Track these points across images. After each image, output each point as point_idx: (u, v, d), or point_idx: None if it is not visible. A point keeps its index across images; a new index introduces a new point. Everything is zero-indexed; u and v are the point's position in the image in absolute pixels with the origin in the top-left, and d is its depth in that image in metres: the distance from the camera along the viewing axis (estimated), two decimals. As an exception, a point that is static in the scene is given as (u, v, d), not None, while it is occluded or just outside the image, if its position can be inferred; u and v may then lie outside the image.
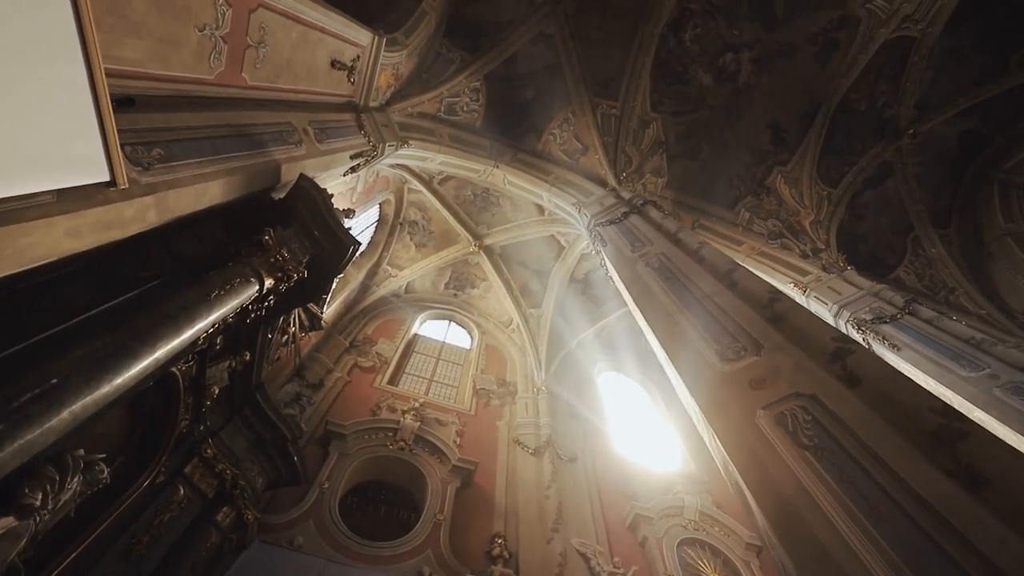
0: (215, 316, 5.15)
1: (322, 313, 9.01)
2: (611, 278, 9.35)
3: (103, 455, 4.60)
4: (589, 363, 14.62)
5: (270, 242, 5.93)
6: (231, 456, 7.24)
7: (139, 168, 4.50)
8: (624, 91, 11.17)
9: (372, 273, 13.66)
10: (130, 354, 4.11)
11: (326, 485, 8.86)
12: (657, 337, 6.07)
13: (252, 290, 5.70)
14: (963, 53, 10.54)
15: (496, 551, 8.59)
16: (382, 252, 13.72)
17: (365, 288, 13.56)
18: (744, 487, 4.11)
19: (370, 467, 9.65)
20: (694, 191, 12.00)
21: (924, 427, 3.63)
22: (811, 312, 5.09)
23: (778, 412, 4.24)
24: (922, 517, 3.13)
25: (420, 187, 12.69)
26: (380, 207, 13.34)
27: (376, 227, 13.45)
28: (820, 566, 3.25)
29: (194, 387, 6.26)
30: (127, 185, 4.23)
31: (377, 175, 11.74)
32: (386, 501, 9.59)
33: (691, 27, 10.79)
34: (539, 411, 11.96)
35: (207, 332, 5.15)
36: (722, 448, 4.45)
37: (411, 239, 13.90)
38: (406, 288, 14.40)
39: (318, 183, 6.70)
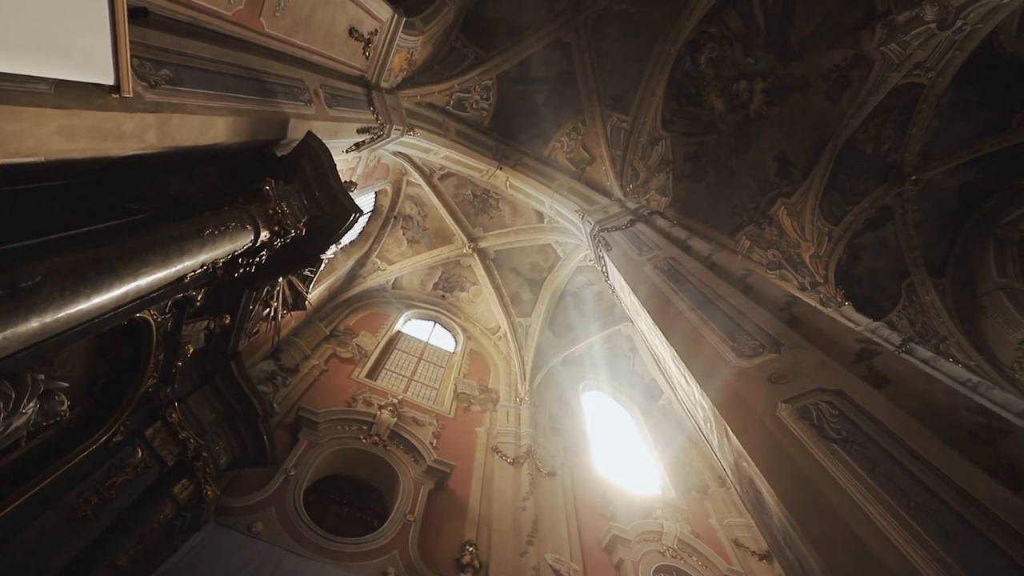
0: (206, 256, 4.81)
1: (307, 292, 8.66)
2: (611, 286, 9.15)
3: (65, 384, 4.18)
4: (573, 380, 14.30)
5: (270, 192, 5.62)
6: (197, 425, 6.74)
7: (145, 84, 4.20)
8: (636, 106, 11.15)
9: (360, 264, 13.25)
10: (112, 273, 3.75)
11: (292, 472, 8.36)
12: (665, 335, 5.83)
13: (247, 239, 5.37)
14: (968, 107, 10.77)
15: (466, 559, 8.13)
16: (372, 244, 13.34)
17: (351, 278, 13.14)
18: (762, 481, 3.84)
19: (340, 459, 9.16)
20: (696, 214, 11.95)
21: (961, 426, 3.43)
22: (831, 316, 4.89)
23: (801, 406, 4.01)
24: (966, 510, 2.94)
25: (420, 180, 12.42)
26: (376, 196, 13.03)
27: (370, 217, 13.11)
28: (854, 558, 2.99)
29: (167, 343, 5.81)
30: (131, 95, 3.91)
31: (378, 161, 11.48)
32: (349, 504, 9.10)
33: (708, 50, 10.88)
34: (521, 421, 11.57)
35: (194, 272, 4.80)
36: (737, 443, 4.19)
37: (404, 234, 13.57)
38: (393, 283, 14.01)
39: (324, 147, 6.44)
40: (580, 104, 11.30)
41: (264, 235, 5.55)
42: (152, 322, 5.29)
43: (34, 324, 3.14)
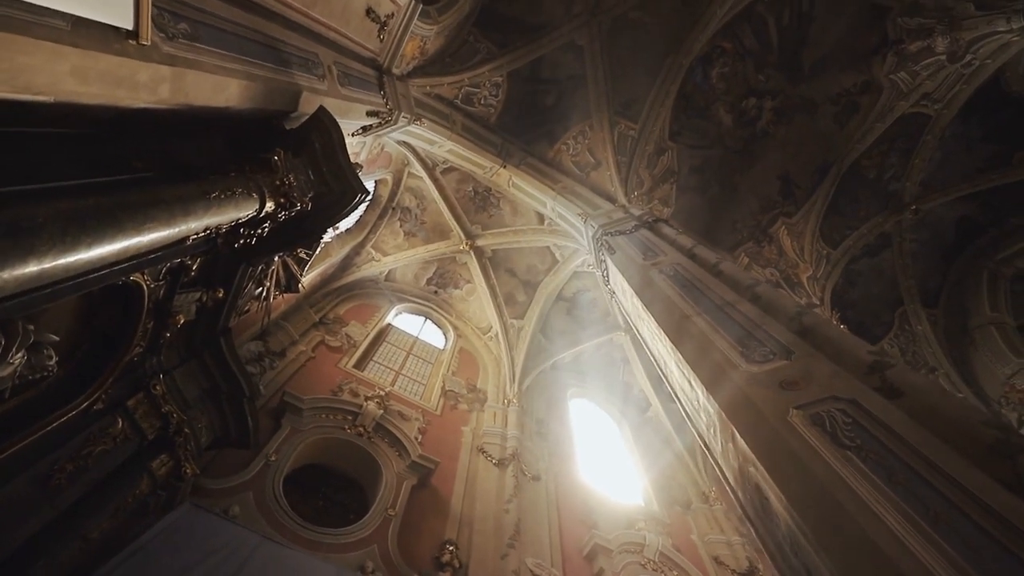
0: (210, 220, 4.67)
1: (302, 275, 8.49)
2: (611, 290, 9.07)
3: (56, 338, 3.99)
4: (562, 386, 14.18)
5: (278, 163, 5.48)
6: (181, 400, 6.52)
7: (163, 35, 4.05)
8: (645, 115, 11.15)
9: (355, 252, 13.04)
10: (115, 224, 3.60)
11: (273, 458, 8.14)
12: (670, 339, 5.75)
13: (252, 207, 5.23)
14: (971, 141, 10.91)
15: (446, 558, 7.95)
16: (368, 234, 13.14)
17: (345, 266, 12.92)
18: (771, 486, 3.76)
19: (322, 448, 8.95)
20: (697, 228, 11.94)
21: (979, 440, 3.37)
22: (842, 328, 4.83)
23: (814, 412, 3.94)
24: (987, 522, 2.88)
25: (422, 172, 12.27)
26: (376, 185, 12.86)
27: (368, 206, 12.92)
28: (872, 563, 2.90)
29: (158, 311, 5.60)
30: (148, 44, 3.78)
31: (382, 149, 11.35)
32: (326, 496, 8.89)
33: (720, 65, 10.93)
34: (508, 423, 11.42)
35: (196, 236, 4.65)
36: (745, 447, 4.11)
37: (401, 226, 13.39)
38: (387, 275, 13.80)
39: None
40: (589, 108, 11.27)
41: (269, 206, 5.40)
42: (145, 287, 5.08)
43: (32, 268, 2.98)
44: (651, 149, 11.32)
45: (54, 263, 3.12)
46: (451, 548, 8.13)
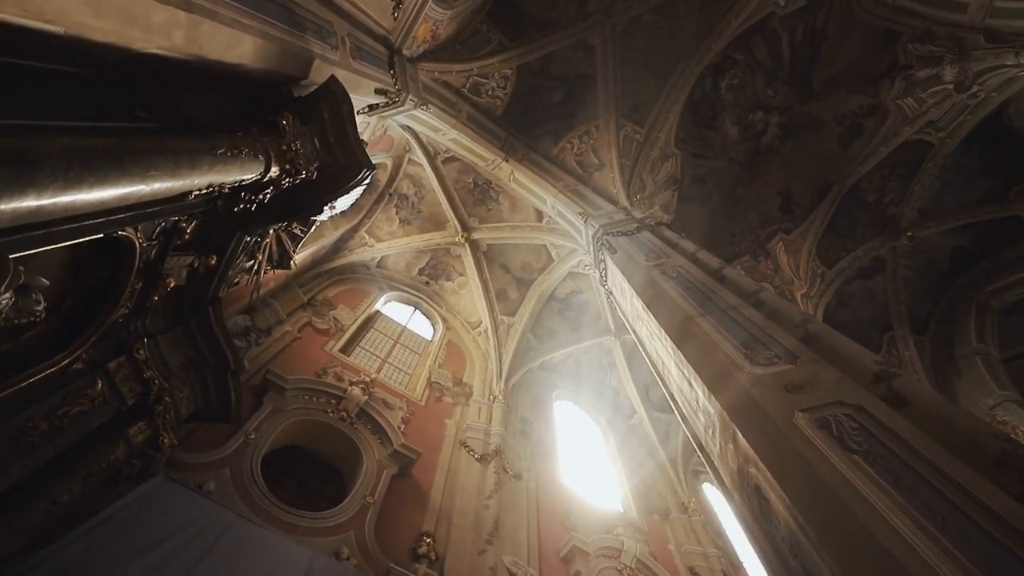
0: (214, 178, 4.52)
1: (294, 252, 8.33)
2: (608, 290, 9.01)
3: (46, 282, 3.82)
4: (548, 386, 14.08)
5: (286, 127, 5.35)
6: (163, 367, 6.32)
7: (179, -21, 3.90)
8: (652, 119, 11.13)
9: (348, 236, 12.80)
10: (119, 168, 3.46)
11: (252, 436, 7.94)
12: (672, 338, 5.68)
13: (256, 170, 5.09)
14: (971, 172, 11.04)
15: (423, 550, 7.79)
16: (363, 218, 12.91)
17: (337, 249, 12.69)
18: (773, 486, 3.70)
19: (303, 430, 8.76)
20: (696, 238, 11.73)
21: (986, 451, 3.33)
22: (847, 338, 4.78)
23: (820, 416, 3.88)
24: (997, 530, 2.84)
25: (422, 159, 12.09)
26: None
27: (365, 190, 12.72)
28: (878, 564, 2.84)
29: (148, 272, 5.43)
30: (166, -17, 3.64)
31: (385, 131, 11.18)
32: (301, 480, 8.71)
33: (730, 76, 10.95)
34: (492, 419, 11.28)
35: (199, 192, 4.50)
36: (748, 447, 4.04)
37: (397, 213, 13.18)
38: (379, 262, 13.57)
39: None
40: (597, 108, 11.22)
41: (274, 171, 5.26)
42: (137, 244, 4.90)
43: (30, 202, 2.82)
44: (656, 154, 11.29)
45: (53, 200, 2.96)
46: (428, 540, 7.97)
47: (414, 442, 9.37)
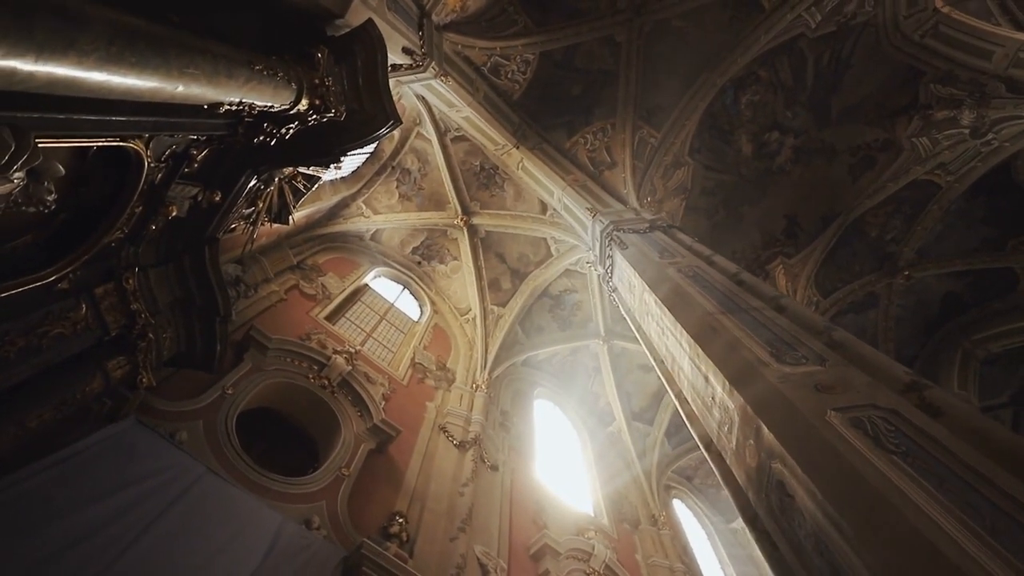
0: (246, 95, 4.25)
1: (295, 208, 8.04)
2: (614, 286, 8.84)
3: (62, 170, 3.49)
4: (530, 383, 13.86)
5: (320, 60, 5.08)
6: (151, 302, 5.96)
7: None
8: (669, 125, 11.06)
9: (345, 204, 12.39)
10: (162, 55, 3.20)
11: (230, 391, 7.58)
12: (690, 333, 5.53)
13: (287, 98, 4.82)
14: (973, 220, 11.14)
15: (395, 529, 7.47)
16: (362, 187, 12.50)
17: (332, 215, 12.26)
18: (801, 481, 3.61)
19: (282, 393, 8.40)
20: (697, 249, 11.90)
21: (1027, 464, 3.19)
22: (874, 348, 4.67)
23: (854, 416, 3.75)
24: (1046, 537, 2.67)
25: (431, 134, 11.76)
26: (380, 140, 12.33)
27: (367, 159, 12.36)
28: (924, 560, 2.70)
29: (151, 196, 5.11)
30: None
31: (399, 99, 10.86)
32: (264, 447, 8.32)
33: (752, 92, 10.94)
34: (473, 407, 11.01)
35: (229, 107, 4.19)
36: (773, 441, 3.89)
37: (398, 187, 12.81)
38: (373, 235, 13.17)
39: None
40: (615, 107, 11.10)
41: (303, 104, 4.98)
42: (146, 162, 4.56)
43: (69, 68, 2.52)
44: (669, 160, 11.22)
45: (90, 73, 2.65)
46: (400, 520, 7.66)
47: (394, 419, 9.06)
